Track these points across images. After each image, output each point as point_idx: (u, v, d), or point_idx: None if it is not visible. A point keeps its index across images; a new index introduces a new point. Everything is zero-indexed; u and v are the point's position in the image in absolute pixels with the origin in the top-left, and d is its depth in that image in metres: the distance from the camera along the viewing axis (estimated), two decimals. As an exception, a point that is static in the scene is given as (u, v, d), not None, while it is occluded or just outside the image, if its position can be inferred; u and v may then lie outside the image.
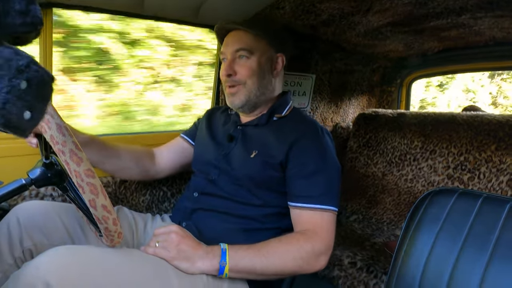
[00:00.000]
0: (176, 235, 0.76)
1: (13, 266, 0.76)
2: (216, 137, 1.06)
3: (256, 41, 0.97)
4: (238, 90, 0.97)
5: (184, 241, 0.76)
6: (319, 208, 0.85)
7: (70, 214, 0.86)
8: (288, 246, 0.81)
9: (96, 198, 0.57)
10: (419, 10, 1.23)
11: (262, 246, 0.80)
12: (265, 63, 0.98)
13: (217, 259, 0.76)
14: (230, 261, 0.76)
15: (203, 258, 0.75)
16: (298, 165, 0.89)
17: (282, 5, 1.23)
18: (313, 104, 1.90)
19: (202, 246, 0.78)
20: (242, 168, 0.93)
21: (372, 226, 1.65)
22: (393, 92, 2.28)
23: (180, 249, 0.74)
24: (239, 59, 0.97)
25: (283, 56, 1.03)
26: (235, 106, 1.00)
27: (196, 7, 1.24)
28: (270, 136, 0.95)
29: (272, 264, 0.78)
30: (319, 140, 0.92)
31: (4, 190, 0.64)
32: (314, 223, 0.85)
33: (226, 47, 0.99)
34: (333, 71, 1.90)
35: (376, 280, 1.17)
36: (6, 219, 0.79)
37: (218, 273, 0.76)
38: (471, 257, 0.68)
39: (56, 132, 0.56)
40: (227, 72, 0.96)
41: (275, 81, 1.03)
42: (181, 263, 0.74)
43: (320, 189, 0.87)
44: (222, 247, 0.78)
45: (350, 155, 1.94)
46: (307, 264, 0.81)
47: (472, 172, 1.49)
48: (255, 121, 1.01)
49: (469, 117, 1.60)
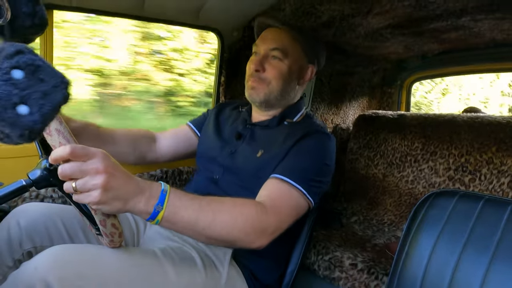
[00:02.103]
0: (102, 176, 0.55)
1: (13, 268, 0.76)
2: (224, 134, 1.05)
3: (292, 45, 0.97)
4: (261, 86, 0.96)
5: (112, 179, 0.57)
6: (291, 183, 0.81)
7: (70, 216, 0.86)
8: (243, 208, 0.72)
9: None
10: (419, 12, 1.24)
11: (213, 200, 0.70)
12: (295, 70, 0.98)
13: (153, 201, 0.61)
14: (169, 207, 0.62)
15: (137, 196, 0.60)
16: (295, 153, 0.88)
17: (282, 6, 1.23)
18: (313, 106, 1.90)
19: (135, 180, 0.61)
20: (248, 167, 0.92)
21: (373, 228, 1.64)
22: (394, 94, 2.28)
23: (108, 188, 0.56)
24: (272, 59, 0.96)
25: (314, 68, 1.03)
26: (253, 100, 1.00)
27: (197, 9, 1.24)
28: (278, 137, 0.94)
29: (219, 224, 0.67)
30: (323, 142, 0.91)
31: (4, 191, 0.64)
32: (279, 195, 0.79)
33: (262, 42, 0.99)
34: (334, 72, 1.90)
35: (377, 281, 1.17)
36: (6, 221, 0.79)
37: (148, 217, 0.62)
38: (472, 260, 0.67)
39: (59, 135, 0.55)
40: (256, 67, 0.95)
41: (298, 89, 1.03)
42: (110, 205, 0.58)
43: (302, 171, 0.83)
44: (163, 187, 0.63)
45: (350, 156, 1.94)
46: (253, 234, 0.71)
47: (473, 174, 1.49)
48: (265, 122, 1.01)
49: (470, 118, 1.60)
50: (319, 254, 1.34)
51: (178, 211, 0.63)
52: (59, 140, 0.54)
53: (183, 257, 0.78)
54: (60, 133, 0.54)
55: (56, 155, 0.53)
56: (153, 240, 0.91)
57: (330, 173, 0.92)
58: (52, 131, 0.54)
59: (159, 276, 0.71)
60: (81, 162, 0.55)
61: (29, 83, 0.35)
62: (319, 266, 1.32)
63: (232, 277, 0.83)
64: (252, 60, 0.99)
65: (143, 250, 0.75)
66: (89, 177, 0.55)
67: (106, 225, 0.60)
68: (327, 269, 1.30)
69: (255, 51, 1.00)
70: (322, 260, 1.32)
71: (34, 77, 0.35)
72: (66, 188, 0.57)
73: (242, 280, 0.85)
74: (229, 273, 0.83)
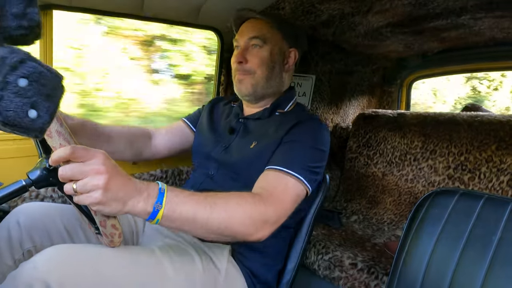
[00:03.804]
0: (103, 177, 0.55)
1: (13, 268, 0.76)
2: (217, 130, 1.05)
3: (270, 32, 0.97)
4: (246, 78, 0.97)
5: (112, 180, 0.56)
6: (286, 172, 0.80)
7: (70, 215, 0.86)
8: (240, 200, 0.70)
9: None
10: (419, 10, 1.23)
11: (209, 195, 0.69)
12: (277, 54, 0.98)
13: (152, 201, 0.61)
14: (167, 205, 0.62)
15: (135, 197, 0.60)
16: (287, 142, 0.87)
17: (282, 5, 1.23)
18: (313, 105, 1.90)
19: (133, 181, 0.61)
20: (242, 160, 0.92)
21: (373, 227, 1.64)
22: (393, 93, 2.28)
23: (108, 189, 0.56)
24: (252, 48, 0.97)
25: (296, 51, 1.03)
26: (242, 94, 1.00)
27: (196, 9, 1.24)
28: (270, 127, 0.94)
29: (217, 218, 0.66)
30: (314, 129, 0.90)
31: (4, 191, 0.64)
32: (276, 185, 0.78)
33: (240, 35, 1.00)
34: (333, 71, 1.90)
35: (377, 281, 1.17)
36: (6, 220, 0.79)
37: (148, 217, 0.62)
38: (473, 258, 0.67)
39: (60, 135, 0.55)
40: (238, 59, 0.96)
41: (285, 76, 1.03)
42: (110, 207, 0.57)
43: (296, 158, 0.83)
44: (160, 186, 0.64)
45: (350, 155, 1.93)
46: (252, 226, 0.70)
47: (472, 172, 1.49)
48: (257, 115, 1.01)
49: (469, 116, 1.60)
50: (319, 253, 1.34)
51: (177, 208, 0.63)
52: (60, 141, 0.54)
53: (181, 255, 0.78)
54: (61, 135, 0.54)
55: (56, 156, 0.53)
56: (152, 238, 0.91)
57: (325, 158, 0.91)
58: (53, 133, 0.54)
59: (158, 274, 0.71)
60: (81, 163, 0.54)
61: (34, 90, 0.36)
62: (319, 266, 1.32)
63: (231, 273, 0.83)
64: (235, 54, 1.00)
65: (142, 249, 0.76)
66: (89, 178, 0.54)
67: (106, 226, 0.61)
68: (327, 268, 1.30)
69: (236, 45, 1.01)
70: (322, 260, 1.32)
71: (38, 84, 0.36)
72: (67, 190, 0.56)
73: (240, 276, 0.86)
74: (228, 270, 0.83)
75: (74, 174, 0.54)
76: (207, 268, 0.79)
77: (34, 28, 0.36)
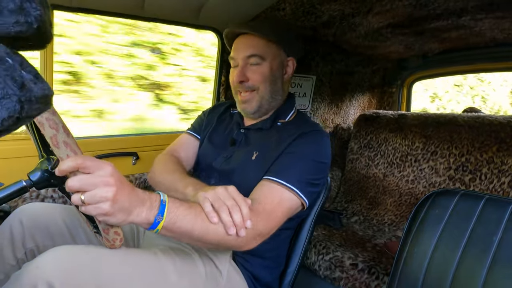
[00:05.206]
0: (112, 188, 0.55)
1: (15, 267, 0.76)
2: (218, 140, 1.05)
3: (267, 46, 0.95)
4: (251, 96, 0.96)
5: (120, 191, 0.57)
6: (282, 184, 0.80)
7: (71, 216, 0.86)
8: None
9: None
10: (420, 11, 1.23)
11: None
12: (277, 68, 0.97)
13: (154, 212, 0.62)
14: (168, 217, 0.64)
15: (138, 207, 0.61)
16: (287, 154, 0.87)
17: (282, 6, 1.23)
18: (314, 106, 1.90)
19: (136, 191, 0.62)
20: (243, 171, 0.92)
21: (373, 228, 1.64)
22: (394, 93, 2.28)
23: (115, 201, 0.56)
24: (251, 66, 0.95)
25: (294, 59, 1.02)
26: (247, 113, 0.99)
27: (197, 9, 1.24)
28: (272, 138, 0.94)
29: (212, 231, 0.68)
30: (317, 141, 0.90)
31: (4, 192, 0.64)
32: (269, 197, 0.78)
33: (237, 52, 0.97)
34: (334, 72, 1.90)
35: (378, 281, 1.17)
36: (8, 220, 0.80)
37: (149, 227, 0.63)
38: (474, 259, 0.67)
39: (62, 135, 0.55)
40: (240, 78, 0.94)
41: (284, 85, 1.02)
42: (115, 217, 0.58)
43: (294, 171, 0.82)
44: (162, 197, 0.65)
45: (351, 156, 1.93)
46: (243, 240, 0.72)
47: (473, 173, 1.49)
48: (258, 125, 1.00)
49: (470, 118, 1.59)
50: (319, 254, 1.34)
51: (177, 220, 0.65)
52: (67, 152, 0.54)
53: (184, 259, 0.78)
54: (68, 146, 0.54)
55: (66, 166, 0.53)
56: (153, 240, 0.91)
57: (326, 169, 0.91)
58: (60, 143, 0.53)
59: (160, 277, 0.71)
60: (90, 175, 0.54)
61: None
62: (320, 266, 1.32)
63: (232, 276, 0.83)
64: (233, 73, 0.98)
65: (144, 251, 0.76)
66: (98, 190, 0.54)
67: (109, 233, 0.61)
68: (327, 269, 1.30)
69: (234, 64, 0.99)
70: (322, 260, 1.32)
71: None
72: (74, 201, 0.56)
73: (242, 279, 0.86)
74: (229, 273, 0.83)
75: (83, 186, 0.54)
76: (210, 271, 0.79)
77: (33, 24, 0.35)
